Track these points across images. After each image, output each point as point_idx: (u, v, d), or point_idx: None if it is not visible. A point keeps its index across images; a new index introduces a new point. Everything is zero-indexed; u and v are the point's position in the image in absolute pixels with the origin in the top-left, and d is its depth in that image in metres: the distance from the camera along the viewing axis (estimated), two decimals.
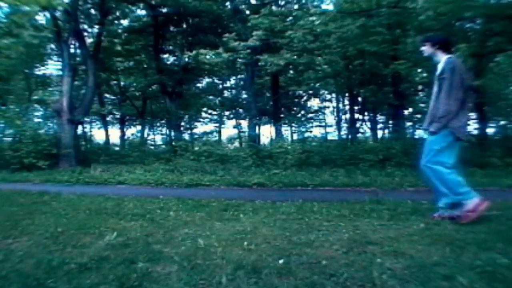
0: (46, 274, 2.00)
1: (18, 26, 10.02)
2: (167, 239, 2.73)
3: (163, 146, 20.19)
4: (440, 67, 3.33)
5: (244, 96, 20.69)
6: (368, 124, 17.89)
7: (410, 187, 6.42)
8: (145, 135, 23.87)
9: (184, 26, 16.55)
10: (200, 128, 26.23)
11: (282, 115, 19.67)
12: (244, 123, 22.81)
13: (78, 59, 15.07)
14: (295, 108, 22.98)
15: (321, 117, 25.24)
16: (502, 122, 17.84)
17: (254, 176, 8.22)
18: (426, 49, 3.47)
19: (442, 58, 3.35)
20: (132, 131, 25.50)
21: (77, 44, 14.53)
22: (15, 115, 14.98)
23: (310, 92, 20.86)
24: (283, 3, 14.77)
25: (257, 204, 4.39)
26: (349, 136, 15.72)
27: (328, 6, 12.88)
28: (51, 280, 1.93)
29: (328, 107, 24.10)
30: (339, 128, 21.23)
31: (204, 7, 13.99)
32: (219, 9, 14.92)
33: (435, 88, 3.36)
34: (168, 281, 1.89)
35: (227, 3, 14.97)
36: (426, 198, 4.45)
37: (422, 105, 19.50)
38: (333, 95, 21.80)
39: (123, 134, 22.68)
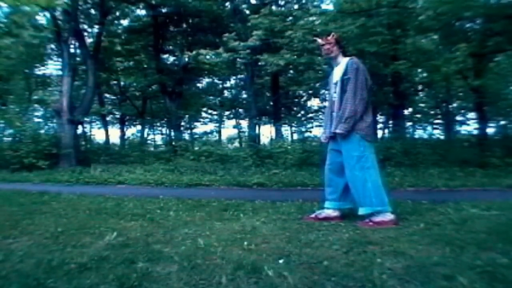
0: (46, 274, 2.00)
1: (18, 26, 10.02)
2: (167, 239, 2.73)
3: (163, 146, 20.19)
4: (342, 68, 3.36)
5: (244, 96, 20.70)
6: None
7: (410, 187, 6.43)
8: (145, 135, 23.92)
9: (184, 26, 16.56)
10: (200, 128, 26.29)
11: (282, 115, 19.66)
12: (244, 123, 22.85)
13: (78, 59, 15.08)
14: (295, 108, 22.99)
15: (321, 117, 25.26)
16: (502, 122, 17.87)
17: (254, 176, 8.21)
18: (334, 49, 3.48)
19: (343, 60, 3.40)
20: (132, 131, 25.58)
21: (77, 44, 14.54)
22: (15, 115, 14.98)
23: (310, 92, 20.87)
24: (283, 3, 14.78)
25: (257, 204, 4.38)
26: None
27: (328, 6, 12.87)
28: (51, 280, 1.92)
29: None
30: None
31: (204, 7, 14.00)
32: (219, 9, 14.93)
33: (337, 90, 3.35)
34: (168, 281, 1.89)
35: (227, 3, 14.98)
36: (426, 198, 4.46)
37: (422, 105, 19.56)
38: None
39: (123, 134, 22.71)
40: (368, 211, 3.17)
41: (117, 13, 16.01)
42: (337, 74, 3.42)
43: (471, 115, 17.66)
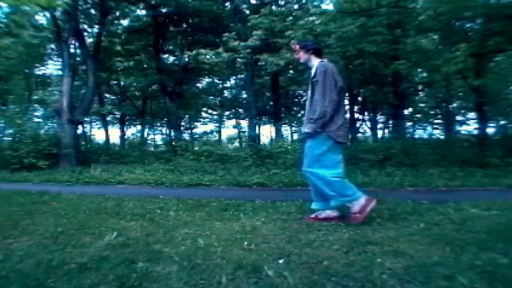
0: (46, 274, 2.00)
1: (18, 26, 10.02)
2: (167, 239, 2.73)
3: (163, 146, 20.19)
4: (313, 71, 3.44)
5: (244, 96, 20.69)
6: (368, 124, 17.90)
7: (410, 187, 6.43)
8: (145, 135, 23.90)
9: (184, 26, 16.55)
10: (200, 128, 26.27)
11: (282, 115, 19.66)
12: (244, 123, 22.84)
13: (78, 59, 15.07)
14: (295, 108, 22.98)
15: None
16: (502, 122, 17.88)
17: (254, 176, 8.21)
18: (301, 55, 3.56)
19: (315, 63, 3.46)
20: (132, 131, 25.57)
21: (77, 44, 14.54)
22: (15, 115, 14.98)
23: None
24: (283, 3, 14.77)
25: (257, 204, 4.38)
26: (349, 136, 15.70)
27: (328, 6, 12.88)
28: (51, 280, 1.93)
29: None
30: None
31: (204, 7, 13.99)
32: (219, 9, 14.93)
33: (309, 93, 3.46)
34: (168, 281, 1.89)
35: (227, 3, 14.97)
36: (426, 198, 4.46)
37: (422, 105, 19.56)
38: None
39: (123, 134, 22.70)
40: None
41: (117, 13, 16.00)
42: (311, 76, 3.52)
43: (471, 115, 17.68)
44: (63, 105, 12.85)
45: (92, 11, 15.25)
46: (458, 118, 19.42)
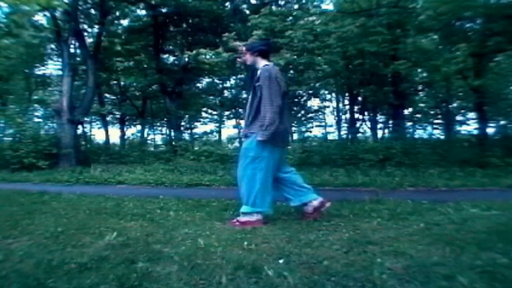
0: (46, 274, 2.00)
1: (18, 26, 10.02)
2: (167, 239, 2.73)
3: (163, 146, 20.19)
4: (258, 74, 3.39)
5: (244, 96, 20.67)
6: (368, 124, 17.91)
7: (410, 187, 6.43)
8: (145, 135, 23.90)
9: (184, 26, 16.53)
10: (200, 128, 26.25)
11: None
12: None
13: (78, 59, 15.07)
14: (295, 108, 22.96)
15: (321, 117, 25.28)
16: (502, 122, 17.89)
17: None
18: (248, 58, 3.51)
19: (261, 66, 3.42)
20: (132, 131, 25.56)
21: (77, 44, 14.53)
22: (15, 115, 14.98)
23: (310, 92, 20.82)
24: (283, 3, 14.75)
25: None
26: (349, 136, 15.73)
27: (328, 6, 12.90)
28: (51, 280, 1.92)
29: (328, 107, 24.14)
30: (339, 128, 21.27)
31: (204, 7, 13.98)
32: (219, 9, 14.91)
33: (250, 95, 3.43)
34: (168, 281, 1.89)
35: (227, 3, 14.96)
36: (426, 198, 4.46)
37: (422, 105, 19.56)
38: (333, 95, 21.83)
39: (123, 134, 22.68)
40: (248, 211, 3.26)
41: (117, 13, 15.98)
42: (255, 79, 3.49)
43: (471, 115, 17.69)
44: (63, 105, 12.85)
45: (92, 11, 15.24)
46: (458, 118, 19.43)
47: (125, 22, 16.96)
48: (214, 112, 25.15)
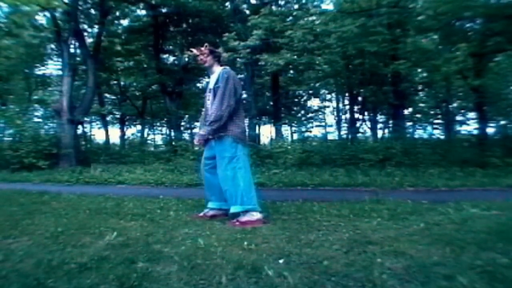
0: (46, 274, 2.00)
1: (18, 26, 10.03)
2: (167, 239, 2.73)
3: (163, 146, 20.18)
4: (215, 77, 3.56)
5: (244, 96, 20.67)
6: (368, 124, 17.91)
7: (410, 187, 6.43)
8: (145, 135, 23.90)
9: (184, 26, 16.54)
10: None
11: (282, 115, 19.67)
12: None
13: (78, 59, 15.06)
14: (295, 108, 22.98)
15: (321, 117, 25.29)
16: (502, 122, 17.86)
17: (254, 176, 8.19)
18: (208, 60, 3.65)
19: (218, 69, 3.59)
20: (132, 131, 25.55)
21: (77, 44, 14.53)
22: (15, 115, 14.98)
23: (310, 92, 20.85)
24: (283, 3, 14.77)
25: None
26: (349, 136, 15.73)
27: (328, 6, 12.90)
28: (51, 280, 1.92)
29: (328, 107, 24.15)
30: (339, 128, 21.26)
31: (204, 7, 13.98)
32: (219, 9, 14.92)
33: (211, 98, 3.55)
34: (168, 281, 1.89)
35: (227, 3, 14.96)
36: (426, 198, 4.46)
37: (422, 105, 19.55)
38: (333, 95, 21.83)
39: (123, 134, 22.70)
40: (239, 210, 3.33)
41: (117, 13, 15.99)
42: (212, 82, 3.62)
43: (471, 115, 17.67)
44: (63, 105, 12.85)
45: (92, 11, 15.25)
46: (458, 118, 19.42)
47: (125, 22, 16.98)
48: None
